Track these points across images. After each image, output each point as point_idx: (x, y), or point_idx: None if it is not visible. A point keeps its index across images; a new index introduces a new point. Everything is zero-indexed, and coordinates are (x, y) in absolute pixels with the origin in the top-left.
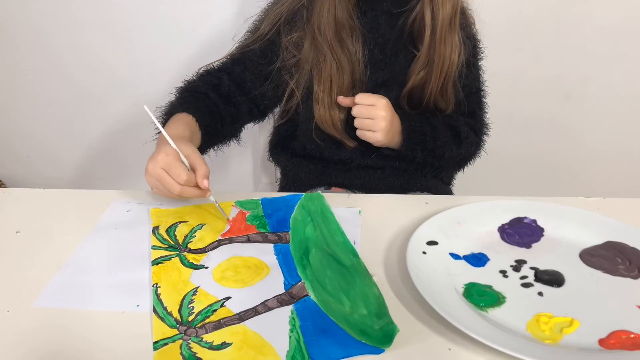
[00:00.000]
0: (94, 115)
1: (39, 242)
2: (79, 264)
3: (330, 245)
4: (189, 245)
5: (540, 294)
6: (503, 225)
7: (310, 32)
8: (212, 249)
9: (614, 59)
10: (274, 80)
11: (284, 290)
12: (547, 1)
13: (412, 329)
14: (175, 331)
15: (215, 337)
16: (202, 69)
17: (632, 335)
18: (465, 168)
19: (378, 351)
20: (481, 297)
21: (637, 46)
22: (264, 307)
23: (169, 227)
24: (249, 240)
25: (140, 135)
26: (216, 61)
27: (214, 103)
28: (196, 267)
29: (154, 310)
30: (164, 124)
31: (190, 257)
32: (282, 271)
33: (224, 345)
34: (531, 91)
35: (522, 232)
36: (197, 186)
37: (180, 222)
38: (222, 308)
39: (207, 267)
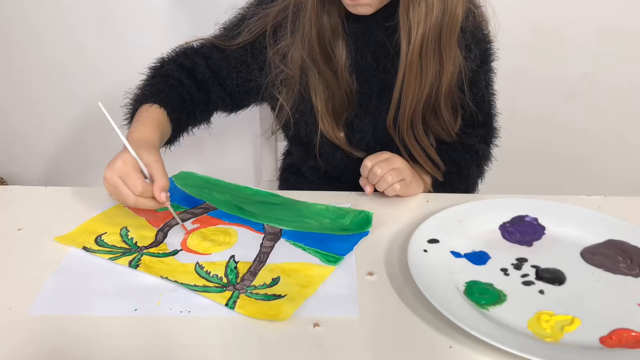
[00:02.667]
0: (94, 114)
1: (41, 240)
2: (72, 270)
3: (249, 197)
4: (139, 245)
5: (541, 292)
6: (504, 223)
7: (297, 44)
8: (164, 237)
9: (615, 58)
10: (253, 81)
11: (262, 234)
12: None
13: (413, 327)
14: (229, 292)
15: (261, 279)
16: (179, 47)
17: (633, 334)
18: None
19: (365, 234)
20: (482, 295)
21: (639, 44)
22: (267, 248)
23: (97, 239)
24: (182, 220)
25: None
26: (197, 40)
27: (187, 90)
28: (171, 253)
29: (196, 291)
30: (133, 113)
31: (154, 250)
32: (244, 224)
33: (275, 281)
34: (533, 89)
35: (523, 230)
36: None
37: (100, 236)
38: (238, 263)
39: (180, 250)
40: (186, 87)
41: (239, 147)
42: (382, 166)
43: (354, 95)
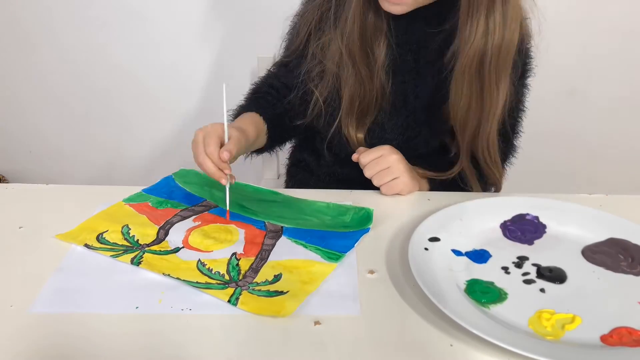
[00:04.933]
0: (96, 112)
1: (42, 238)
2: (73, 268)
3: (249, 195)
4: (140, 243)
5: (542, 290)
6: (505, 221)
7: (337, 38)
8: (165, 235)
9: (617, 57)
10: (300, 88)
11: (264, 231)
12: None
13: (414, 325)
14: (232, 289)
15: (263, 276)
16: (263, 77)
17: (634, 332)
18: None
19: (366, 231)
20: (483, 293)
21: None
22: (269, 246)
23: (98, 236)
24: (183, 218)
25: (141, 131)
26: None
27: (275, 97)
28: (172, 251)
29: (198, 288)
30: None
31: (156, 248)
32: (245, 222)
33: (277, 277)
34: (534, 88)
35: (524, 228)
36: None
37: (102, 234)
38: (240, 261)
39: (182, 247)
40: (273, 96)
41: None
42: (371, 168)
43: (387, 97)
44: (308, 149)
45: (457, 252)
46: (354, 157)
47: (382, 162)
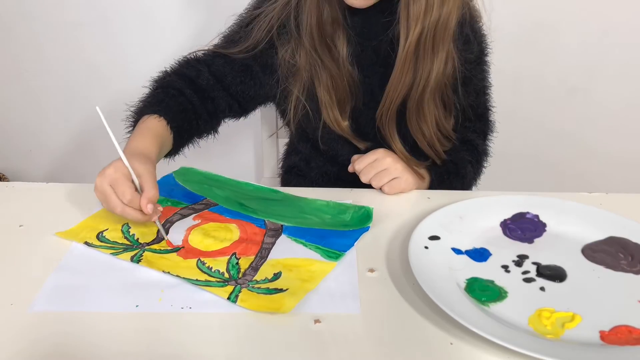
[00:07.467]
0: (96, 111)
1: (42, 236)
2: (73, 266)
3: (249, 193)
4: (140, 242)
5: (542, 289)
6: (505, 220)
7: (301, 39)
8: (166, 234)
9: (617, 56)
10: (258, 84)
11: (264, 230)
12: None
13: (414, 324)
14: (231, 287)
15: (263, 274)
16: (182, 58)
17: (634, 330)
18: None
19: (366, 229)
20: (483, 292)
21: None
22: (269, 245)
23: (98, 235)
24: (184, 216)
25: None
26: (199, 50)
27: (188, 100)
28: (173, 250)
29: (198, 285)
30: (134, 125)
31: (156, 247)
32: (245, 220)
33: (276, 275)
34: (534, 87)
35: (524, 227)
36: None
37: (102, 232)
38: (240, 260)
39: (183, 247)
40: (187, 97)
41: (240, 143)
42: (367, 172)
43: (358, 86)
44: (298, 154)
45: (457, 251)
46: (350, 168)
47: (377, 165)
